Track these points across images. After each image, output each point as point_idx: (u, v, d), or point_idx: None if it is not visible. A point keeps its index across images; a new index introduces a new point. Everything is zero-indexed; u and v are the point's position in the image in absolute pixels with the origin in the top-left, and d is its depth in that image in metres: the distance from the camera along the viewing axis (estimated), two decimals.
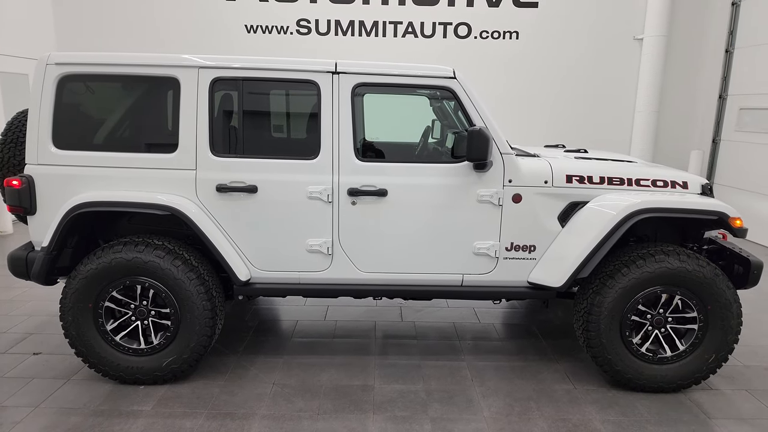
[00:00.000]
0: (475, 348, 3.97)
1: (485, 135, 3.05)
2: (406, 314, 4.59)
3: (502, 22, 8.43)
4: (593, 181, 3.35)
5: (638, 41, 8.36)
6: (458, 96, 3.26)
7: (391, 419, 3.01)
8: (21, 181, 3.16)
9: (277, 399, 3.19)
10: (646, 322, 3.27)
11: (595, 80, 8.55)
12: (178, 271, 3.14)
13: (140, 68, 3.18)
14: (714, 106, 8.32)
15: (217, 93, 3.25)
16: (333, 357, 3.76)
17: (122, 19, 8.39)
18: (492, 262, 3.37)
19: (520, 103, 8.56)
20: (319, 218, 3.27)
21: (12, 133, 3.46)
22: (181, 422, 2.94)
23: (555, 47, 8.47)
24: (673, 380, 3.28)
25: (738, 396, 3.35)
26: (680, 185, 3.43)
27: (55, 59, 3.16)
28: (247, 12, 8.36)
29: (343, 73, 3.23)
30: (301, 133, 3.67)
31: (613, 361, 3.26)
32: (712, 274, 3.17)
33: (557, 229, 3.35)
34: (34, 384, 3.32)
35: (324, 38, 8.44)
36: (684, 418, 3.09)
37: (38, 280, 3.22)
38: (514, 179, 3.30)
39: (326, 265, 3.34)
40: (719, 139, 8.30)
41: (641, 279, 3.17)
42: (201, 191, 3.22)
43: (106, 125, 3.32)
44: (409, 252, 3.35)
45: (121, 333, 3.25)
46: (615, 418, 3.07)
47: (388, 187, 3.26)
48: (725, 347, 3.24)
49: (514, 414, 3.10)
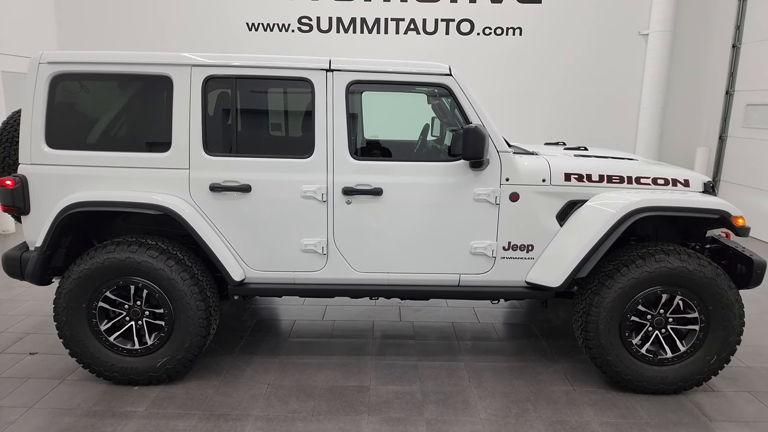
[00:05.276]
0: (474, 348, 3.93)
1: (481, 133, 3.00)
2: (405, 314, 4.56)
3: (505, 19, 8.35)
4: (592, 179, 3.29)
5: (643, 37, 8.25)
6: (454, 93, 3.21)
7: (385, 421, 2.98)
8: (14, 181, 3.15)
9: (272, 400, 3.17)
10: (646, 322, 3.21)
11: (600, 77, 8.45)
12: (171, 271, 3.12)
13: (133, 67, 3.15)
14: (720, 102, 8.20)
15: (210, 91, 3.22)
16: (330, 357, 3.73)
17: (124, 17, 8.40)
18: (489, 261, 3.33)
19: (523, 100, 8.48)
20: (313, 218, 3.24)
21: (7, 133, 3.46)
22: (174, 423, 2.92)
23: (559, 43, 8.38)
24: (673, 382, 3.22)
25: (740, 398, 3.29)
26: (682, 183, 3.36)
27: (47, 58, 3.14)
28: (248, 10, 8.34)
29: (337, 71, 3.19)
30: (295, 131, 3.64)
31: (612, 363, 3.21)
32: (714, 273, 3.11)
33: (555, 228, 3.30)
34: (30, 384, 3.32)
35: (325, 36, 8.40)
36: (684, 420, 3.03)
37: (32, 280, 3.21)
38: (512, 177, 3.25)
39: (321, 265, 3.31)
40: (726, 135, 8.18)
41: (641, 279, 3.11)
42: (194, 191, 3.20)
43: (100, 124, 3.29)
44: (404, 252, 3.31)
45: (115, 333, 3.23)
46: (614, 420, 3.02)
47: (384, 186, 3.22)
48: (727, 348, 3.18)
49: (511, 416, 3.05)
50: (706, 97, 8.43)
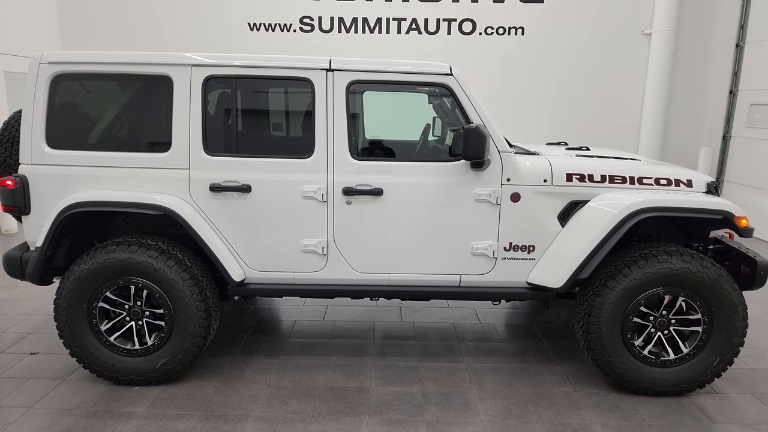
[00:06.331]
0: (475, 349, 3.91)
1: (482, 133, 2.99)
2: (406, 314, 4.54)
3: (508, 18, 8.32)
4: (594, 179, 3.27)
5: (646, 36, 8.21)
6: (455, 93, 3.20)
7: (385, 422, 2.96)
8: (15, 181, 3.15)
9: (272, 400, 3.16)
10: (648, 324, 3.19)
11: (603, 76, 8.41)
12: (171, 272, 3.11)
13: (133, 67, 3.15)
14: (724, 102, 8.15)
15: (210, 91, 3.21)
16: (330, 358, 3.72)
17: (126, 18, 8.41)
18: (490, 262, 3.31)
19: (525, 100, 8.45)
20: (313, 218, 3.23)
21: (8, 133, 3.46)
22: (173, 424, 2.91)
23: (561, 43, 8.35)
24: (676, 384, 3.20)
25: (743, 400, 3.26)
26: (684, 183, 3.34)
27: (48, 58, 3.14)
28: (250, 10, 8.34)
29: (338, 71, 3.17)
30: (295, 131, 3.63)
31: (614, 364, 3.19)
32: (717, 275, 3.08)
33: (557, 228, 3.28)
34: (30, 384, 3.31)
35: (327, 35, 8.39)
36: (687, 422, 3.01)
37: (32, 280, 3.21)
38: (513, 178, 3.23)
39: (321, 266, 3.30)
40: (729, 135, 8.13)
41: (643, 280, 3.09)
42: (194, 191, 3.19)
43: (100, 125, 3.29)
44: (405, 252, 3.30)
45: (116, 333, 3.23)
46: (615, 422, 3.00)
47: (384, 186, 3.20)
48: (730, 350, 3.15)
49: (512, 418, 3.04)
50: (710, 96, 8.38)
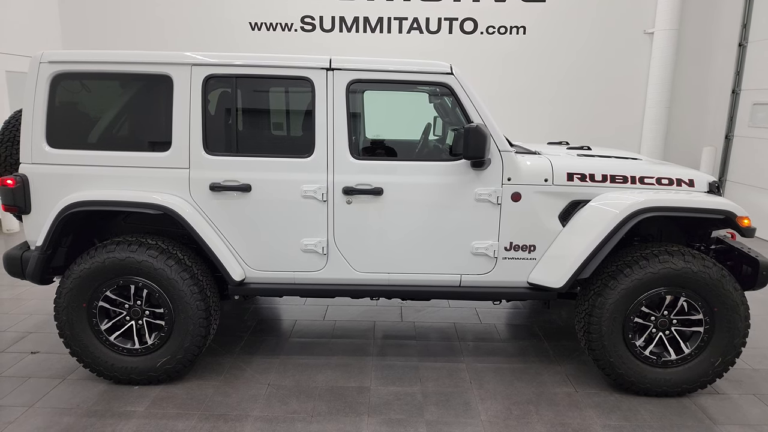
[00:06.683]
0: (476, 349, 3.90)
1: (482, 132, 2.98)
2: (406, 314, 4.53)
3: (509, 17, 8.30)
4: (595, 179, 3.26)
5: (649, 35, 8.19)
6: (455, 92, 3.18)
7: (385, 422, 2.96)
8: (15, 181, 3.15)
9: (272, 400, 3.16)
10: (649, 324, 3.18)
11: (605, 75, 8.39)
12: (171, 271, 3.11)
13: (133, 66, 3.15)
14: (727, 102, 8.12)
15: (210, 91, 3.21)
16: (330, 357, 3.71)
17: (126, 17, 8.42)
18: (491, 262, 3.30)
19: (526, 99, 8.43)
20: (313, 217, 3.22)
21: (9, 132, 3.46)
22: (173, 423, 2.91)
23: (563, 42, 8.33)
24: (677, 384, 3.19)
25: (745, 401, 3.25)
26: (686, 183, 3.32)
27: (48, 57, 3.14)
28: (250, 9, 8.34)
29: (338, 70, 3.17)
30: (295, 130, 3.62)
31: (615, 364, 3.18)
32: (719, 275, 3.07)
33: (558, 228, 3.27)
34: (30, 383, 3.32)
35: (328, 35, 8.38)
36: (688, 423, 3.00)
37: (33, 279, 3.21)
38: (513, 177, 3.22)
39: (321, 265, 3.30)
40: (732, 135, 8.11)
41: (644, 280, 3.08)
42: (195, 190, 3.19)
43: (100, 124, 3.29)
44: (405, 252, 3.29)
45: (116, 333, 3.23)
46: (616, 423, 2.99)
47: (384, 185, 3.19)
48: (732, 350, 3.14)
49: (512, 418, 3.03)
50: (712, 96, 8.35)
